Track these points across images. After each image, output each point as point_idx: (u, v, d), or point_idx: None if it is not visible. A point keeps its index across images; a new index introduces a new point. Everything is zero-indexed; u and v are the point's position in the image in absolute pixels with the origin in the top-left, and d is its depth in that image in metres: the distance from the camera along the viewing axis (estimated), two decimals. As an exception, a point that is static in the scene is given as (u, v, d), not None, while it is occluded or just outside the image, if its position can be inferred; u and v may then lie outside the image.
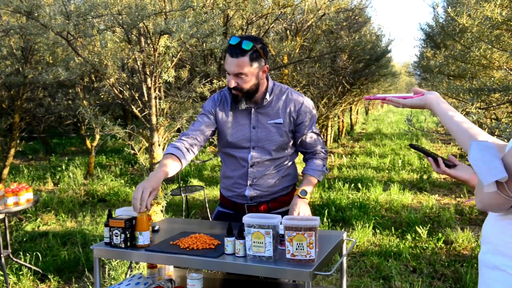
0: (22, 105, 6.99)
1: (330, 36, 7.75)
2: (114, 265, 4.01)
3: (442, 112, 1.64)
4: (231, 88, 2.31)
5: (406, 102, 1.75)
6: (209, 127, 2.46)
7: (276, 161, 2.46)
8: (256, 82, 2.33)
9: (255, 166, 2.44)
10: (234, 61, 2.25)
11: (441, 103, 1.67)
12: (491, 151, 1.27)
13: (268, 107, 2.43)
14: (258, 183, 2.45)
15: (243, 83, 2.29)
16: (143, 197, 2.08)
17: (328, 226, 5.52)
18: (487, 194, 1.27)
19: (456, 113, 1.62)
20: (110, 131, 4.54)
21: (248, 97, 2.36)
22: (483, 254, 1.44)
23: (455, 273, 4.18)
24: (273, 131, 2.42)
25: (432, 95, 1.70)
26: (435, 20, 8.02)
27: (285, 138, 2.43)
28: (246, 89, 2.31)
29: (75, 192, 7.48)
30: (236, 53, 2.24)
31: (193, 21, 3.89)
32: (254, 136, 2.42)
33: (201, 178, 8.83)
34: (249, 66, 2.26)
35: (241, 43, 2.23)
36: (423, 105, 1.72)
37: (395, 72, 16.49)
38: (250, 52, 2.24)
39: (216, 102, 2.50)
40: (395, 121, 23.02)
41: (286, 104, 2.43)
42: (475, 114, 3.51)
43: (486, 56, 4.38)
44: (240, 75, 2.27)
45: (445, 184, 7.95)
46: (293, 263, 1.89)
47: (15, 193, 3.77)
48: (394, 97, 1.79)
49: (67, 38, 4.02)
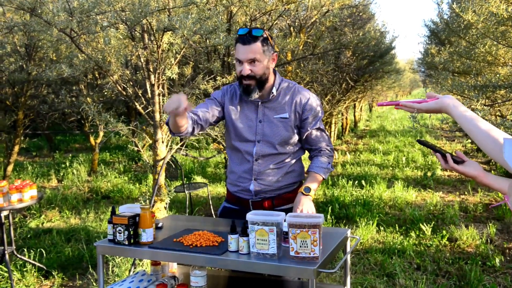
0: (26, 102, 6.99)
1: (334, 32, 7.71)
2: (118, 262, 4.01)
3: (460, 115, 1.61)
4: (244, 77, 2.34)
5: (421, 107, 1.72)
6: (214, 110, 2.49)
7: (281, 156, 2.47)
8: (267, 71, 2.37)
9: (260, 160, 2.45)
10: (247, 48, 2.31)
11: (457, 106, 1.64)
12: None
13: (275, 101, 2.46)
14: (262, 177, 2.46)
15: (257, 69, 2.33)
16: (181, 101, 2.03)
17: (332, 223, 5.51)
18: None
19: (474, 115, 1.60)
20: (114, 128, 4.54)
21: (260, 86, 2.38)
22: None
23: (459, 270, 4.16)
24: (279, 125, 2.44)
25: (448, 98, 1.67)
26: (440, 17, 7.97)
27: (290, 133, 2.45)
28: (259, 75, 2.35)
29: (79, 189, 7.49)
30: (248, 40, 2.30)
31: (196, 17, 3.87)
32: (260, 130, 2.45)
33: (205, 175, 8.83)
34: (261, 51, 2.33)
35: (251, 31, 2.31)
36: (439, 109, 1.69)
37: (399, 69, 16.40)
38: (261, 38, 2.31)
39: (225, 93, 2.55)
40: (399, 118, 22.94)
41: (292, 99, 2.46)
42: (480, 111, 3.49)
43: (491, 52, 4.35)
44: (254, 61, 2.32)
45: (449, 181, 7.93)
46: (297, 261, 1.88)
47: (19, 190, 3.79)
48: (408, 102, 1.74)
49: (70, 35, 4.02)
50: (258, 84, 2.37)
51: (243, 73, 2.33)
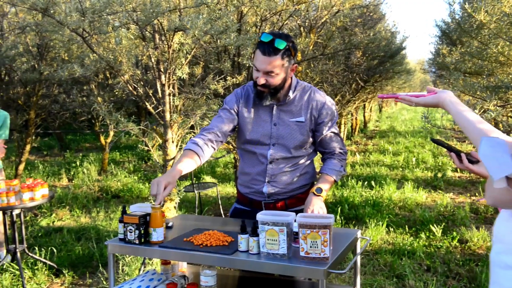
0: (37, 102, 7.06)
1: (344, 33, 7.69)
2: (128, 261, 4.03)
3: (455, 110, 1.63)
4: (259, 85, 2.31)
5: (419, 101, 1.75)
6: (230, 122, 2.46)
7: (295, 159, 2.45)
8: (284, 79, 2.33)
9: (274, 163, 2.43)
10: (266, 59, 2.24)
11: (454, 102, 1.65)
12: (502, 147, 1.27)
13: (291, 104, 2.43)
14: (276, 180, 2.44)
15: (272, 80, 2.29)
16: (158, 191, 2.10)
17: (341, 224, 5.50)
18: (497, 190, 1.28)
19: (469, 111, 1.60)
20: (124, 128, 4.56)
21: (274, 94, 2.35)
22: (495, 254, 1.42)
23: (470, 272, 4.13)
24: (294, 129, 2.41)
25: (445, 93, 1.69)
26: (451, 17, 7.92)
27: (305, 137, 2.43)
28: (274, 86, 2.31)
29: (89, 188, 7.54)
30: (269, 52, 2.23)
31: (207, 17, 3.88)
32: (274, 133, 2.42)
33: (214, 175, 8.84)
34: (280, 66, 2.27)
35: (274, 41, 2.22)
36: (436, 104, 1.71)
37: (409, 69, 16.31)
38: (282, 51, 2.24)
39: (239, 97, 2.50)
40: (409, 118, 22.82)
41: (309, 102, 2.43)
42: (493, 111, 3.46)
43: (503, 53, 4.31)
44: (270, 73, 2.27)
45: (460, 182, 7.87)
46: (307, 261, 1.87)
47: (30, 189, 3.81)
48: (406, 96, 1.79)
49: (82, 35, 4.05)
50: (271, 92, 2.34)
51: (258, 82, 2.31)
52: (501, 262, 1.39)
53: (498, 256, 1.41)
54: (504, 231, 1.40)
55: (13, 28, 6.37)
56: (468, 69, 5.51)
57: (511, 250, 1.36)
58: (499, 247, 1.41)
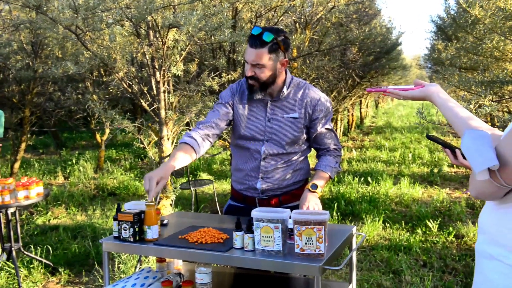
0: (32, 100, 7.02)
1: (340, 29, 7.68)
2: (124, 258, 4.02)
3: (442, 103, 1.63)
4: (248, 77, 2.33)
5: (406, 94, 1.75)
6: (226, 116, 2.47)
7: (289, 155, 2.45)
8: (273, 74, 2.33)
9: (267, 159, 2.43)
10: (253, 51, 2.27)
11: (441, 95, 1.66)
12: (485, 139, 1.29)
13: (285, 100, 2.43)
14: (269, 176, 2.44)
15: (260, 73, 2.30)
16: (150, 187, 2.08)
17: (338, 220, 5.50)
18: (480, 182, 1.30)
19: (455, 104, 1.62)
20: (120, 125, 4.55)
21: (263, 88, 2.36)
22: (480, 244, 1.45)
23: (466, 267, 4.14)
24: (288, 125, 2.41)
25: (433, 87, 1.70)
26: (447, 12, 7.91)
27: (299, 133, 2.43)
28: (263, 80, 2.32)
29: (85, 186, 7.52)
30: (255, 44, 2.25)
31: (201, 14, 3.86)
32: (268, 129, 2.42)
33: (210, 172, 8.83)
34: (267, 58, 2.28)
35: (262, 34, 2.24)
36: (424, 97, 1.71)
37: (405, 65, 16.34)
38: (270, 44, 2.26)
39: (234, 92, 2.50)
40: (405, 114, 22.85)
41: (303, 99, 2.43)
42: (488, 107, 3.46)
43: (498, 48, 4.31)
44: (257, 66, 2.29)
45: (456, 177, 7.88)
46: (302, 258, 1.87)
47: (25, 187, 3.80)
48: (394, 89, 1.79)
49: (76, 32, 4.02)
50: (261, 87, 2.35)
51: (246, 74, 2.34)
52: (484, 252, 1.42)
53: (482, 247, 1.43)
54: (488, 222, 1.42)
55: (7, 25, 6.33)
56: (464, 65, 5.51)
57: (494, 240, 1.38)
58: (483, 237, 1.44)
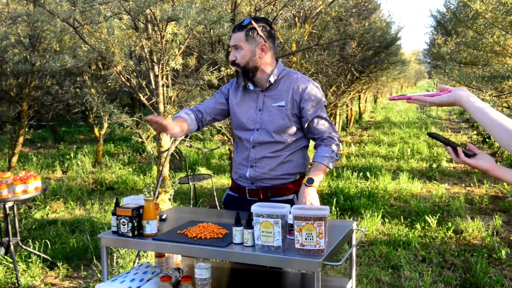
0: (30, 93, 6.98)
1: (339, 23, 7.64)
2: (122, 253, 4.01)
3: (474, 107, 1.57)
4: (231, 63, 2.46)
5: (433, 100, 1.66)
6: (220, 105, 2.63)
7: (277, 145, 2.46)
8: (252, 58, 2.41)
9: (256, 147, 2.48)
10: (233, 35, 2.43)
11: (471, 99, 1.60)
12: None
13: (274, 90, 2.49)
14: (257, 164, 2.47)
15: (240, 57, 2.41)
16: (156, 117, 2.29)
17: (337, 215, 5.49)
18: None
19: (488, 108, 1.56)
20: (118, 119, 4.51)
21: (245, 74, 2.45)
22: None
23: (465, 262, 4.14)
24: (276, 113, 2.45)
25: (462, 91, 1.62)
26: (447, 6, 7.89)
27: (286, 121, 2.44)
28: (243, 64, 2.42)
29: (84, 180, 7.50)
30: (236, 28, 2.42)
31: (200, 7, 3.83)
32: (259, 118, 2.48)
33: (209, 166, 8.82)
34: (244, 41, 2.40)
35: (244, 21, 2.41)
36: (453, 102, 1.63)
37: (404, 60, 16.27)
38: (247, 28, 2.39)
39: (231, 84, 2.65)
40: (404, 109, 22.82)
41: (290, 86, 2.46)
42: (488, 101, 3.44)
43: (499, 42, 4.29)
44: (236, 48, 2.42)
45: (455, 173, 7.88)
46: (302, 253, 1.86)
47: (23, 181, 3.78)
48: (419, 96, 1.69)
49: (73, 25, 3.99)
50: (243, 72, 2.44)
51: (229, 58, 2.46)
52: None
53: None
54: None
55: (4, 18, 6.28)
56: (464, 59, 5.49)
57: None
58: None
